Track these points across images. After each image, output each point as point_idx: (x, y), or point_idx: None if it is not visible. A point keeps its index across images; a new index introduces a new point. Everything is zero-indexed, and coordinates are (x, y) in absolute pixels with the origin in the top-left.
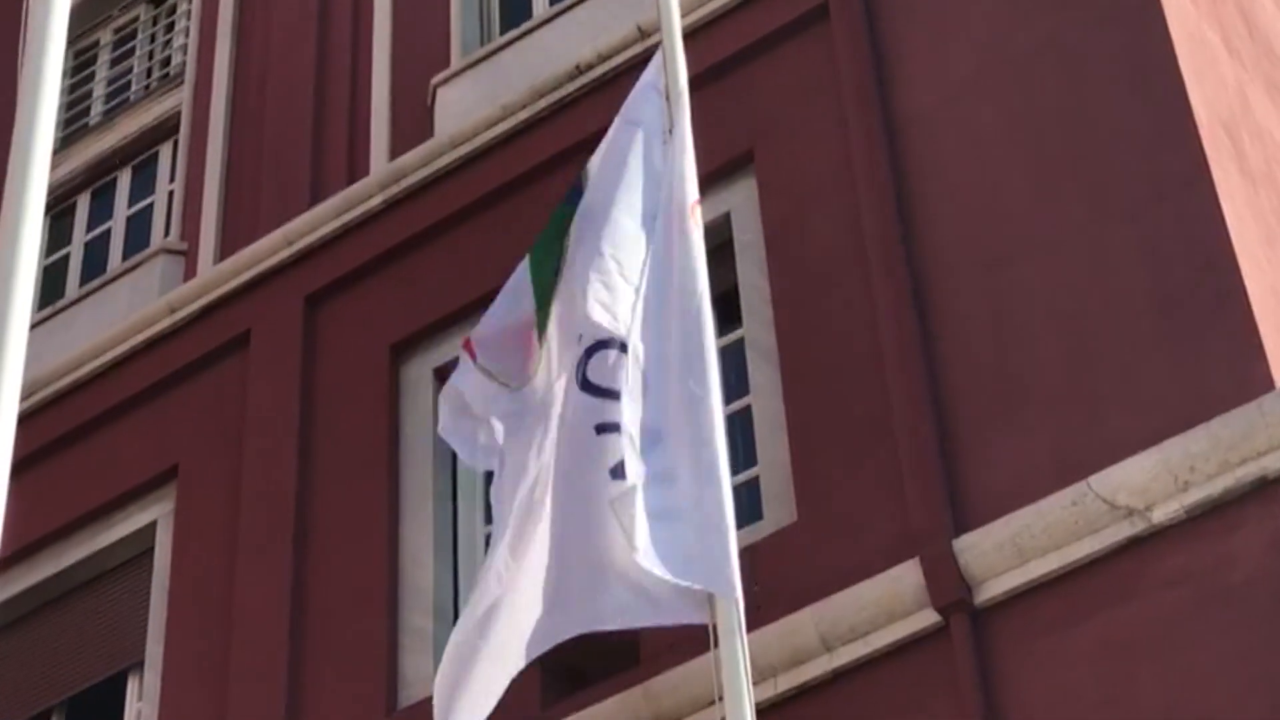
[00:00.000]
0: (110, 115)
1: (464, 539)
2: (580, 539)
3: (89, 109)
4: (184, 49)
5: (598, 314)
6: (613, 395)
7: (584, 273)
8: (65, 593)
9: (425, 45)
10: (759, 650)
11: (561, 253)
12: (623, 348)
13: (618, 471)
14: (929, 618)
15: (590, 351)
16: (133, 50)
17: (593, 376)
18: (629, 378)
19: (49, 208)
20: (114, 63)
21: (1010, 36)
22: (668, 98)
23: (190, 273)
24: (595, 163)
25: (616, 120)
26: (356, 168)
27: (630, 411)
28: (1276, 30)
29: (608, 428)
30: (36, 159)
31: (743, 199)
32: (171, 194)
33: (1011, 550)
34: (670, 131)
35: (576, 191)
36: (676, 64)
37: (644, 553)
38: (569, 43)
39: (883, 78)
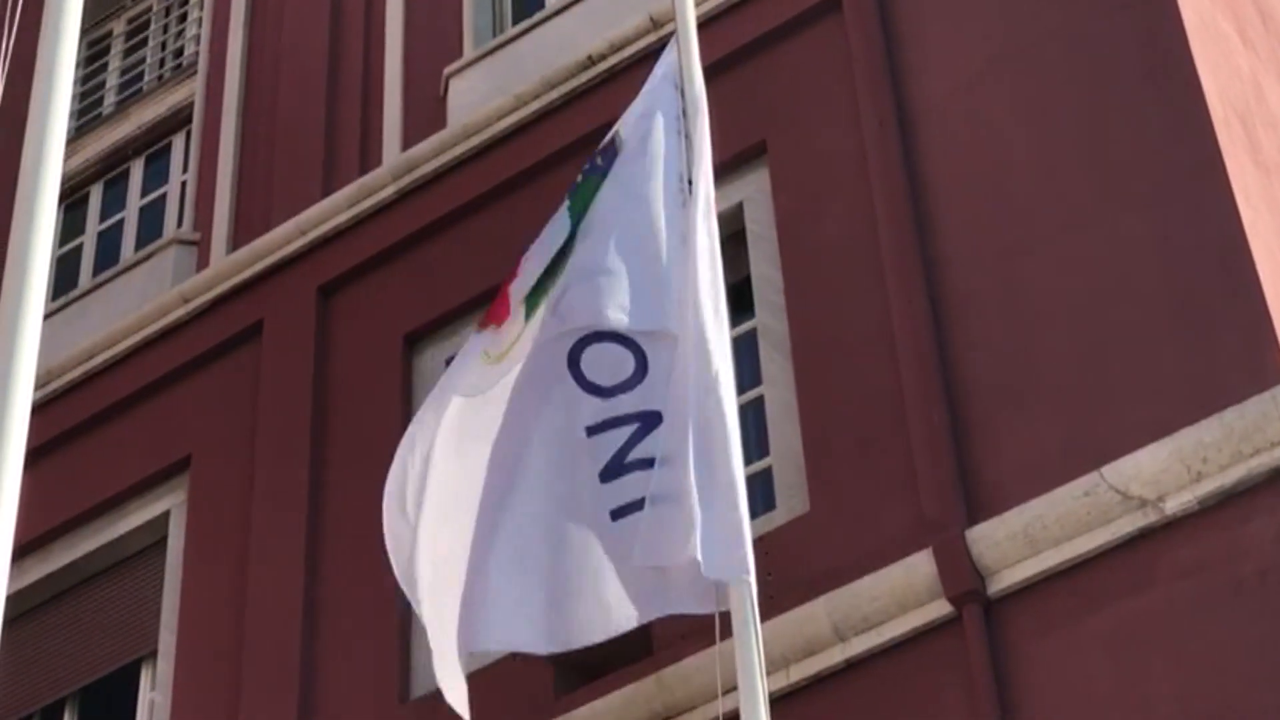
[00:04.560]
0: (123, 105)
1: None
2: (574, 545)
3: (102, 99)
4: (197, 39)
5: (601, 306)
6: (604, 393)
7: (589, 262)
8: (79, 583)
9: (438, 35)
10: (772, 640)
11: (571, 237)
12: (625, 342)
13: (607, 474)
14: (942, 608)
15: (584, 344)
16: (146, 40)
17: (589, 373)
18: (646, 372)
19: (62, 198)
20: (127, 53)
21: (1023, 25)
22: (682, 90)
23: (203, 263)
24: (621, 139)
25: (632, 110)
26: (369, 158)
27: (633, 403)
28: None
29: (597, 428)
30: (51, 149)
31: (755, 189)
32: (184, 184)
33: (1024, 541)
34: (684, 121)
35: (597, 168)
36: (691, 55)
37: (650, 548)
38: (582, 33)
39: (895, 67)
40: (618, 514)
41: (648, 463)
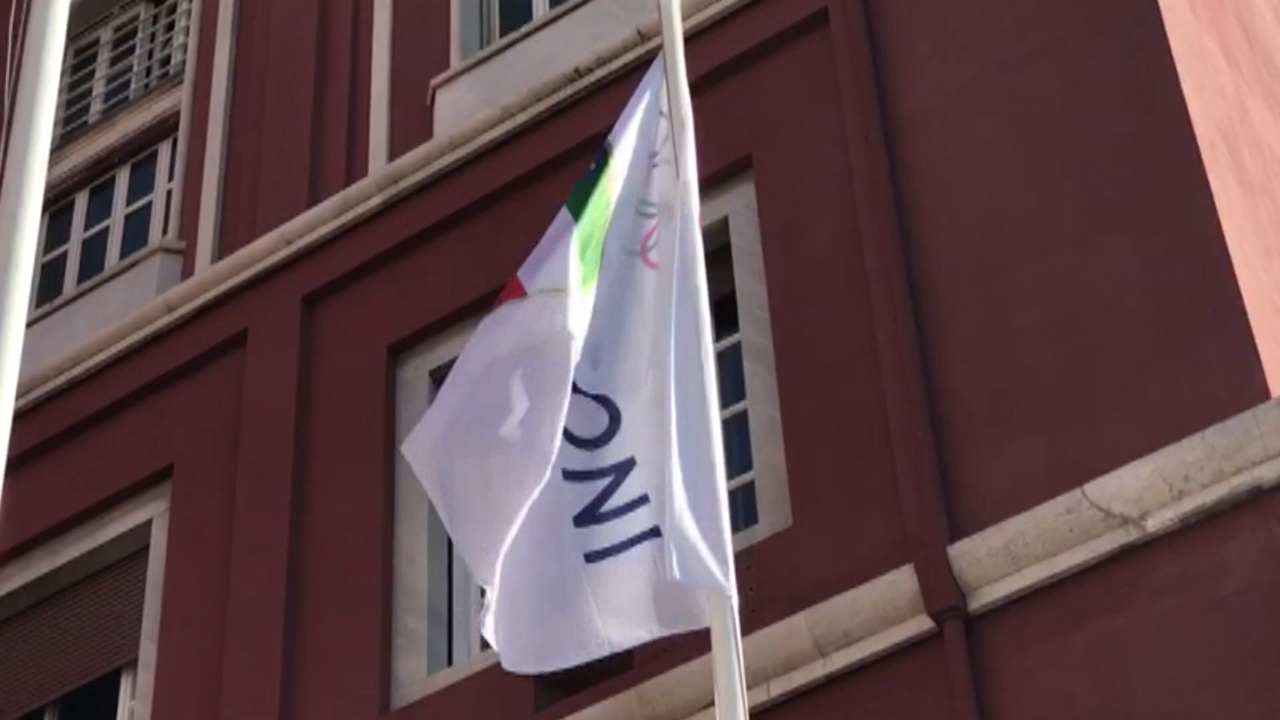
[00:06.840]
0: (109, 113)
1: None
2: (549, 579)
3: (88, 107)
4: (184, 48)
5: (581, 366)
6: (581, 444)
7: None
8: (60, 590)
9: (425, 46)
10: (752, 655)
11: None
12: (597, 398)
13: (581, 519)
14: (923, 624)
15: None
16: (133, 49)
17: (567, 422)
18: (619, 424)
19: (47, 205)
20: (114, 61)
21: (1009, 43)
22: (665, 109)
23: (188, 271)
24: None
25: (622, 130)
26: (355, 168)
27: (607, 456)
28: (1275, 41)
29: (575, 475)
30: (35, 156)
31: (741, 204)
32: (170, 193)
33: (1006, 557)
34: (671, 137)
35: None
36: (677, 69)
37: (637, 581)
38: (568, 46)
39: (882, 84)
40: (592, 557)
41: (623, 509)
